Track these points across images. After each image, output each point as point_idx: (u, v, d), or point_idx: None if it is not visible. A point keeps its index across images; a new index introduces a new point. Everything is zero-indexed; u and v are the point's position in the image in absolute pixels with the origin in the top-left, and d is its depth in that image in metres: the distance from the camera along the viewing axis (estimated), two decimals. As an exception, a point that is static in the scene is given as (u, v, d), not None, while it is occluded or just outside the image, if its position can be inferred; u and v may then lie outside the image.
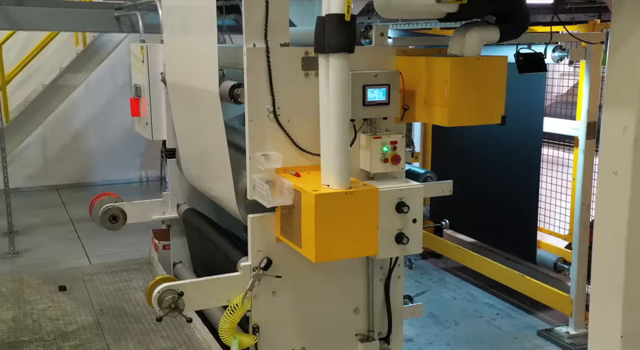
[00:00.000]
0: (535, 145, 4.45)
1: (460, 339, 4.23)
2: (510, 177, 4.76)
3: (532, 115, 4.41)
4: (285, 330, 3.00)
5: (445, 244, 5.70)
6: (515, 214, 4.71)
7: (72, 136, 9.92)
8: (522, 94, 4.38)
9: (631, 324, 2.41)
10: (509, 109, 4.77)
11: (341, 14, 2.28)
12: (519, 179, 4.64)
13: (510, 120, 4.73)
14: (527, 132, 4.47)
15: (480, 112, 2.69)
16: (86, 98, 9.86)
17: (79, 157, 9.95)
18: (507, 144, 4.75)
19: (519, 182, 4.64)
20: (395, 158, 2.91)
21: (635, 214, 2.35)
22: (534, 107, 4.38)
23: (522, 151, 4.57)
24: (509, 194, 4.78)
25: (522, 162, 4.58)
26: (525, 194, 4.56)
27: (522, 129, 4.50)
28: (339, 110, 2.43)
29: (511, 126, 4.71)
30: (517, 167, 4.64)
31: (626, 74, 2.29)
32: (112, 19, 6.64)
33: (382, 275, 3.17)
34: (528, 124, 4.45)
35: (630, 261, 2.38)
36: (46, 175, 9.69)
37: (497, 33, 2.65)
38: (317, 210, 2.43)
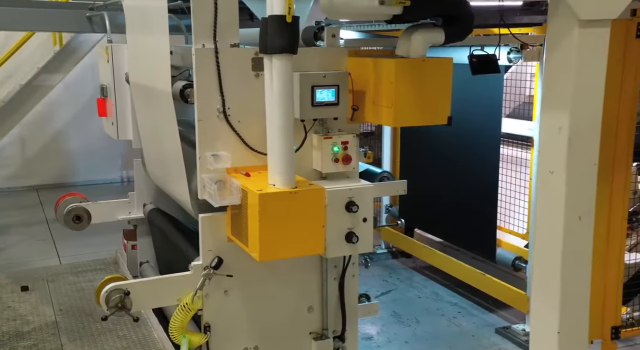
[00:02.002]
0: (494, 145, 4.52)
1: (419, 337, 4.27)
2: (471, 178, 4.83)
3: (491, 116, 4.48)
4: (237, 329, 3.02)
5: (413, 244, 5.75)
6: (476, 213, 4.77)
7: (53, 136, 9.87)
8: (481, 95, 4.44)
9: (567, 321, 2.47)
10: (469, 111, 4.86)
11: (282, 15, 2.31)
12: (480, 179, 4.70)
13: (471, 122, 4.84)
14: (486, 132, 4.54)
15: (426, 113, 2.73)
16: (66, 98, 9.81)
17: (59, 157, 9.89)
18: (468, 145, 4.82)
19: (480, 182, 4.70)
20: (346, 158, 2.95)
21: (571, 213, 2.40)
22: (493, 108, 4.45)
23: (481, 152, 4.64)
24: (470, 194, 4.85)
25: (482, 162, 4.65)
26: (485, 193, 4.63)
27: (481, 130, 4.57)
28: (282, 110, 2.46)
29: (471, 127, 4.80)
30: (478, 167, 4.71)
31: (560, 75, 2.35)
32: (83, 19, 6.61)
33: (336, 274, 3.20)
34: (487, 124, 4.52)
35: (566, 260, 2.43)
36: (26, 176, 9.62)
37: (442, 35, 2.69)
38: (260, 210, 2.45)
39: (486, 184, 4.58)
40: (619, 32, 3.38)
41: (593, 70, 2.30)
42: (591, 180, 2.42)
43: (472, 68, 3.42)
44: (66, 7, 6.99)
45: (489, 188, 4.54)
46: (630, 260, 4.13)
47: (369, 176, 3.64)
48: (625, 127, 3.46)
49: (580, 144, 2.36)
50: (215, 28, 2.70)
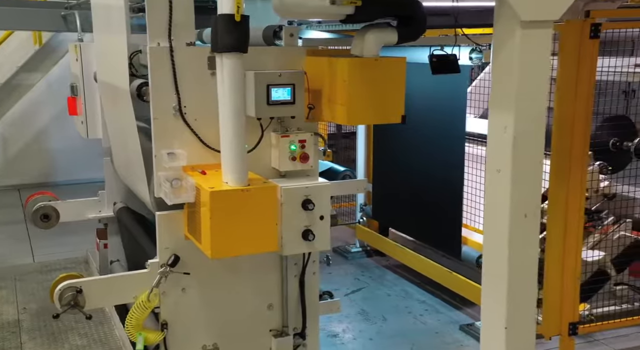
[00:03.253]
0: (459, 145, 4.57)
1: (384, 335, 4.32)
2: (438, 177, 4.88)
3: (456, 115, 4.53)
4: (196, 327, 3.03)
5: (385, 242, 5.79)
6: (442, 212, 4.82)
7: (34, 135, 9.82)
8: (447, 95, 4.49)
9: (514, 317, 2.51)
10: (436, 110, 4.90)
11: (231, 14, 2.33)
12: (446, 178, 4.75)
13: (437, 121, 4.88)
14: (451, 132, 4.59)
15: (379, 111, 2.76)
16: (48, 97, 9.76)
17: (41, 156, 9.85)
18: (435, 145, 4.87)
19: (446, 181, 4.75)
20: (303, 156, 2.97)
21: (516, 210, 2.45)
22: (457, 107, 4.50)
23: (447, 151, 4.69)
24: (437, 192, 4.90)
25: (447, 161, 4.70)
26: (451, 192, 4.67)
27: (447, 129, 4.62)
28: (232, 108, 2.48)
29: (438, 127, 4.85)
30: (444, 166, 4.76)
31: (505, 75, 2.39)
32: (59, 18, 6.59)
33: (296, 271, 3.22)
34: (452, 124, 4.57)
35: (513, 257, 2.47)
36: (7, 175, 9.56)
37: (395, 35, 2.72)
38: (212, 207, 2.47)
39: (452, 183, 4.64)
40: (574, 32, 3.43)
41: (536, 70, 2.35)
42: (537, 178, 2.47)
43: (432, 68, 3.46)
44: (42, 6, 6.97)
45: (455, 187, 4.59)
46: (592, 258, 4.19)
47: (332, 174, 3.67)
48: (581, 126, 3.52)
49: (525, 143, 2.40)
50: (170, 27, 2.71)
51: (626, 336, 4.16)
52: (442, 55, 3.39)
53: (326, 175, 3.70)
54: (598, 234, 4.32)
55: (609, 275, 4.29)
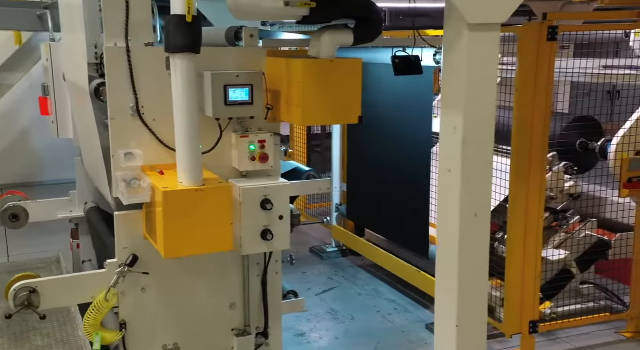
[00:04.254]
0: (426, 145, 4.61)
1: (350, 334, 4.35)
2: (406, 177, 4.91)
3: (422, 116, 4.56)
4: (156, 327, 3.04)
5: (359, 242, 5.82)
6: (411, 211, 4.86)
7: (18, 135, 9.76)
8: (414, 96, 4.52)
9: (465, 315, 2.55)
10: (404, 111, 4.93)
11: (183, 15, 2.34)
12: (413, 177, 4.79)
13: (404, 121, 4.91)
14: (418, 133, 4.63)
15: (336, 112, 2.77)
16: (32, 96, 9.67)
17: (25, 156, 9.78)
18: (403, 145, 4.91)
19: (414, 181, 4.79)
20: (263, 157, 2.99)
21: (466, 210, 2.48)
22: (424, 108, 4.54)
23: (414, 151, 4.73)
24: (406, 192, 4.93)
25: (415, 161, 4.74)
26: (419, 191, 4.71)
27: (414, 129, 4.65)
28: (185, 109, 2.50)
29: (405, 127, 4.88)
30: (412, 166, 4.79)
31: (454, 77, 2.43)
32: (34, 18, 6.55)
33: (258, 271, 3.24)
34: (419, 125, 4.60)
35: (463, 256, 2.51)
36: (-9, 176, 9.50)
37: (351, 36, 2.75)
38: (165, 207, 2.48)
39: (419, 183, 4.67)
40: (532, 34, 3.48)
41: (484, 71, 2.38)
42: (486, 178, 2.50)
43: (394, 69, 3.48)
44: (18, 6, 6.92)
45: (422, 187, 4.63)
46: (556, 257, 4.25)
47: (297, 175, 3.69)
48: (540, 126, 3.57)
49: (474, 143, 2.43)
50: (127, 27, 2.72)
51: (588, 334, 4.21)
52: (404, 56, 3.42)
53: (291, 175, 3.72)
54: (564, 233, 4.38)
55: (573, 274, 4.35)
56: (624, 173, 3.86)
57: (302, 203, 7.56)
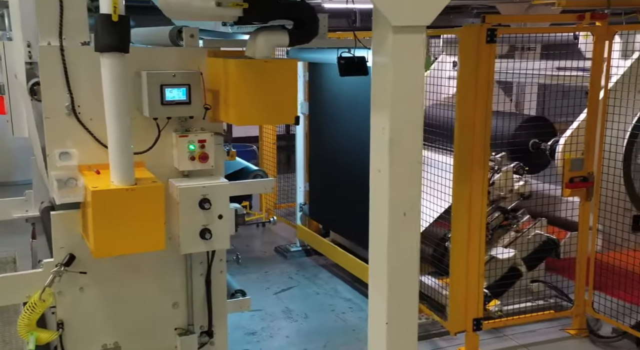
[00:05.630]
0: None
1: (301, 332, 4.37)
2: (363, 176, 4.89)
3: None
4: (95, 326, 3.03)
5: (321, 242, 5.85)
6: (368, 211, 4.85)
7: (-8, 134, 9.65)
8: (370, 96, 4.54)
9: (395, 312, 2.58)
10: (362, 113, 4.95)
11: (109, 14, 2.34)
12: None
13: (361, 121, 4.91)
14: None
15: (271, 112, 2.79)
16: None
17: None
18: (360, 144, 4.91)
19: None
20: (203, 156, 2.99)
21: (395, 209, 2.52)
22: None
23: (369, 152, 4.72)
24: (362, 192, 4.92)
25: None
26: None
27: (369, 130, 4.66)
28: (115, 108, 2.49)
29: (363, 126, 4.88)
30: (368, 166, 4.79)
31: (381, 78, 2.46)
32: (-5, 17, 6.48)
33: (202, 270, 3.25)
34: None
35: (392, 254, 2.54)
36: (-36, 175, 9.36)
37: (287, 37, 2.77)
38: (94, 206, 2.48)
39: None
40: (472, 37, 3.53)
41: (410, 73, 2.41)
42: (415, 177, 2.54)
43: (340, 70, 3.52)
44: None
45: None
46: (504, 255, 4.31)
47: (245, 174, 3.71)
48: (481, 126, 3.62)
49: (401, 143, 2.47)
50: (61, 26, 2.71)
51: (534, 332, 4.28)
52: (349, 57, 3.45)
53: (239, 174, 3.73)
54: (514, 232, 4.45)
55: (521, 273, 4.42)
56: (566, 173, 3.94)
57: (272, 202, 7.59)
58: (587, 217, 4.13)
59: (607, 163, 4.00)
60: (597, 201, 4.06)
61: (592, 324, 4.29)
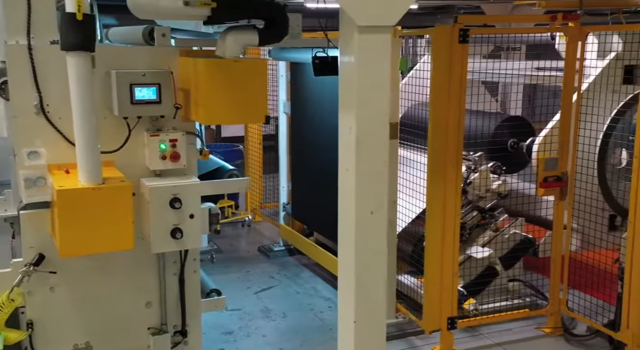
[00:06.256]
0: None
1: (279, 331, 4.38)
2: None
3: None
4: (66, 326, 3.02)
5: (302, 241, 5.86)
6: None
7: (-20, 135, 9.55)
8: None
9: (362, 311, 2.59)
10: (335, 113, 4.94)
11: (73, 12, 2.34)
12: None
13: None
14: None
15: (241, 112, 2.79)
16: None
17: (-14, 155, 9.58)
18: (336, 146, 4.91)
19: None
20: (174, 155, 2.99)
21: (362, 208, 2.52)
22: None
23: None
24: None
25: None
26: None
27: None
28: (81, 107, 2.49)
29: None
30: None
31: (348, 78, 2.47)
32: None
33: (175, 269, 3.24)
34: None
35: (359, 253, 2.55)
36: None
37: (256, 37, 2.77)
38: (59, 206, 2.48)
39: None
40: (445, 37, 3.55)
41: (375, 73, 2.41)
42: (381, 177, 2.54)
43: (314, 69, 3.52)
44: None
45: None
46: (481, 254, 4.34)
47: (220, 173, 3.71)
48: (455, 126, 3.64)
49: (368, 143, 2.47)
50: (29, 25, 2.70)
51: (510, 330, 4.31)
52: (323, 57, 3.46)
53: (215, 173, 3.73)
54: (491, 231, 4.48)
55: (497, 272, 4.45)
56: (540, 172, 3.97)
57: (258, 202, 7.58)
58: (561, 216, 4.16)
59: (581, 163, 4.04)
60: (571, 200, 4.09)
61: (568, 322, 4.32)
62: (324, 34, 3.05)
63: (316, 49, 3.53)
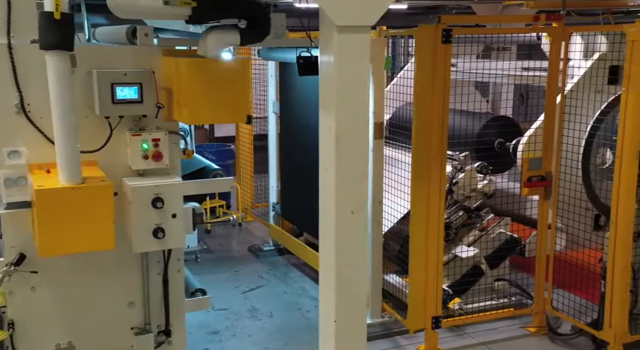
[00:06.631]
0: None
1: (265, 331, 4.38)
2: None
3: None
4: (48, 325, 3.01)
5: (291, 240, 5.86)
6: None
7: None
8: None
9: (343, 310, 2.59)
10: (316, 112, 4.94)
11: (51, 11, 2.33)
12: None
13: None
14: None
15: (223, 111, 2.79)
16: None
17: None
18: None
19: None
20: (156, 155, 2.99)
21: (342, 208, 2.52)
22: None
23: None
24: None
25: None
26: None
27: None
28: (60, 106, 2.49)
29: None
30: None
31: (327, 77, 2.47)
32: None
33: (159, 269, 3.24)
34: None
35: (340, 252, 2.55)
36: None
37: (238, 36, 2.77)
38: (38, 205, 2.47)
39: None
40: (428, 37, 3.56)
41: (354, 72, 2.42)
42: (361, 176, 2.55)
43: (299, 69, 3.53)
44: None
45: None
46: (467, 253, 4.35)
47: (205, 173, 3.71)
48: (438, 125, 3.64)
49: (347, 142, 2.47)
50: (9, 24, 2.69)
51: (496, 330, 4.32)
52: (307, 57, 3.46)
53: (200, 173, 3.73)
54: (477, 230, 4.49)
55: (483, 271, 4.46)
56: (524, 172, 3.98)
57: (249, 202, 7.58)
58: (545, 216, 4.17)
59: (565, 162, 4.06)
60: (556, 200, 4.11)
61: (553, 321, 4.34)
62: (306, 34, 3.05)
63: (300, 49, 3.54)
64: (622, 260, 3.63)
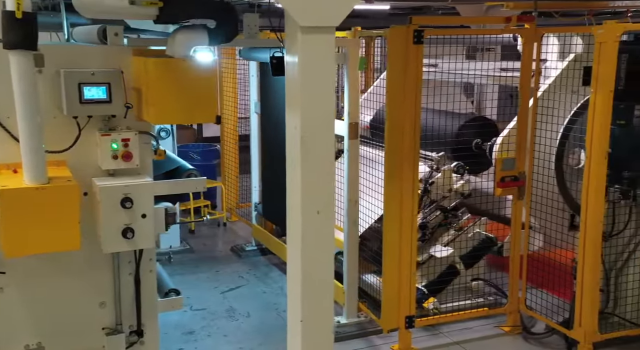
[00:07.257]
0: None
1: (240, 331, 4.38)
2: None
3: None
4: (16, 326, 3.00)
5: (272, 240, 5.86)
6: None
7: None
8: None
9: (309, 310, 2.61)
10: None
11: (12, 11, 2.32)
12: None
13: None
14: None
15: (191, 112, 2.79)
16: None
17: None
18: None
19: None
20: (126, 155, 2.98)
21: (308, 207, 2.54)
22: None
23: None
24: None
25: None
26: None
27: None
28: (24, 106, 2.48)
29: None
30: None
31: (293, 77, 2.48)
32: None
33: (130, 269, 3.23)
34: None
35: (306, 252, 2.56)
36: None
37: (205, 36, 2.77)
38: (2, 206, 2.46)
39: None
40: (400, 38, 3.57)
41: (319, 72, 2.44)
42: (327, 176, 2.56)
43: (272, 69, 3.53)
44: None
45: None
46: (443, 253, 4.37)
47: (180, 173, 3.70)
48: (410, 125, 3.66)
49: (312, 141, 2.49)
50: (-26, 23, 2.67)
51: (470, 329, 4.35)
52: (280, 57, 3.46)
53: (175, 173, 3.72)
54: (454, 230, 4.51)
55: (459, 270, 4.48)
56: (497, 172, 4.01)
57: (234, 202, 7.57)
58: (519, 216, 4.20)
59: (538, 163, 4.08)
60: (529, 200, 4.14)
61: (527, 321, 4.37)
62: (275, 35, 3.05)
63: (274, 49, 3.54)
64: (592, 260, 3.66)
